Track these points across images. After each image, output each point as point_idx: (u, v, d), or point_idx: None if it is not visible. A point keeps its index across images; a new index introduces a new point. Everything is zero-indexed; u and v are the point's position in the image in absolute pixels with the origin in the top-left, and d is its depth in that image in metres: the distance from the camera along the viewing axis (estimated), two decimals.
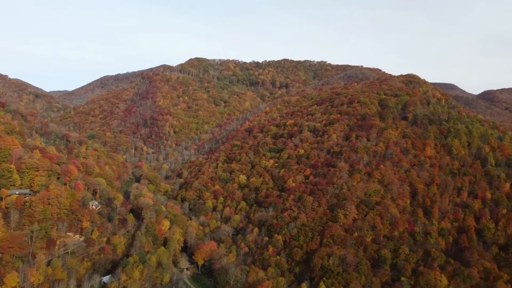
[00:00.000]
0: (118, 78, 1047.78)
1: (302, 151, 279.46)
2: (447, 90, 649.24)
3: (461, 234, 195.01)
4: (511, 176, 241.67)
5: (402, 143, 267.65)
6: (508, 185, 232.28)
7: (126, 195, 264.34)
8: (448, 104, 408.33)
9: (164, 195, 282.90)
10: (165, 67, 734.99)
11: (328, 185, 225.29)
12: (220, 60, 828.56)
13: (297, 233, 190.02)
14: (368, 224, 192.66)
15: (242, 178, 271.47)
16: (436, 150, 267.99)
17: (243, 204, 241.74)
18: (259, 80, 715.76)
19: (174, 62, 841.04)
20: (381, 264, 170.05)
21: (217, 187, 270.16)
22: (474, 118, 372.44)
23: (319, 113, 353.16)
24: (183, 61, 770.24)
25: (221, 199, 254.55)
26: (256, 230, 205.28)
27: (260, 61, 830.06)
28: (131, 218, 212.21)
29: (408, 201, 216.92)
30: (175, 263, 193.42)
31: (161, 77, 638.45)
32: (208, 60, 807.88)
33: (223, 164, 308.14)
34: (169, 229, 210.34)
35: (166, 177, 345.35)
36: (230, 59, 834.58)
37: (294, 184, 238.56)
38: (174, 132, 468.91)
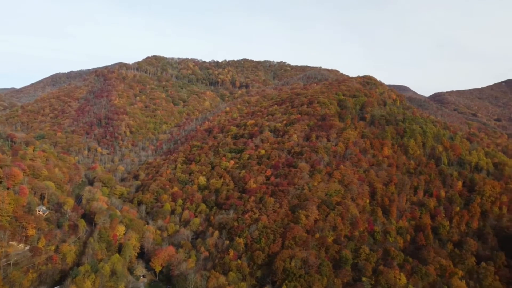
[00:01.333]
0: (71, 75, 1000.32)
1: (263, 152, 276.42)
2: (400, 92, 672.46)
3: (418, 232, 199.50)
4: (463, 175, 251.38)
5: (361, 143, 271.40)
6: (460, 183, 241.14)
7: (78, 199, 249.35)
8: (403, 105, 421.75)
9: (119, 198, 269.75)
10: (121, 65, 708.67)
11: (289, 186, 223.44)
12: (179, 58, 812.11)
13: (259, 235, 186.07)
14: (329, 225, 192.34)
15: (202, 179, 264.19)
16: (393, 150, 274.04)
17: (203, 206, 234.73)
18: (219, 80, 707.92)
19: (130, 60, 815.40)
20: (343, 265, 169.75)
21: (175, 189, 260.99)
22: (427, 119, 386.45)
23: (280, 113, 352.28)
24: (140, 59, 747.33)
25: (180, 201, 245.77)
26: (216, 233, 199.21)
27: (220, 61, 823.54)
28: (82, 224, 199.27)
29: (368, 201, 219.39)
30: (131, 270, 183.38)
31: (116, 75, 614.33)
32: (166, 58, 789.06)
33: (182, 165, 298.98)
34: (124, 234, 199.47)
35: (122, 179, 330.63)
36: (189, 57, 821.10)
37: (255, 185, 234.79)
38: (131, 132, 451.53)
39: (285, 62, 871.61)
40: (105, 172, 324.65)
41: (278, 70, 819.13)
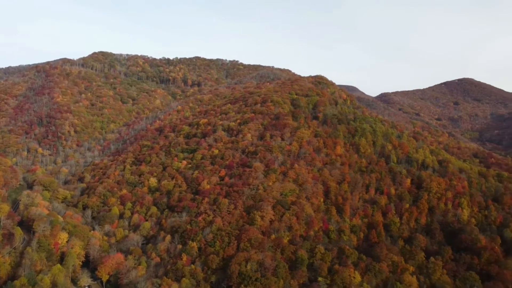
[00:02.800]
0: (8, 71, 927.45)
1: (216, 151, 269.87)
2: (349, 92, 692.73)
3: (371, 230, 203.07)
4: (411, 172, 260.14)
5: (314, 142, 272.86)
6: (409, 180, 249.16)
7: (15, 205, 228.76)
8: (353, 104, 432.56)
9: (62, 203, 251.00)
10: (64, 61, 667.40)
11: (244, 186, 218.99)
12: (127, 55, 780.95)
13: (213, 238, 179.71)
14: (285, 225, 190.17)
15: (153, 181, 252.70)
16: (346, 149, 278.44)
17: (153, 209, 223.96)
18: (170, 78, 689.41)
19: (75, 56, 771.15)
20: (299, 266, 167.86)
21: (124, 191, 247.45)
22: (376, 118, 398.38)
23: (233, 112, 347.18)
24: (85, 55, 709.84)
25: (129, 204, 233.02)
26: (168, 237, 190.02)
27: (171, 58, 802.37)
28: (19, 232, 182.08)
29: (322, 200, 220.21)
30: (75, 281, 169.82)
31: (59, 71, 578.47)
32: (114, 54, 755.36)
33: (131, 166, 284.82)
34: (67, 242, 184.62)
35: (65, 182, 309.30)
36: (139, 54, 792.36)
37: (208, 186, 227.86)
38: (75, 131, 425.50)
39: (237, 61, 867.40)
40: (46, 175, 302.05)
41: (231, 69, 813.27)
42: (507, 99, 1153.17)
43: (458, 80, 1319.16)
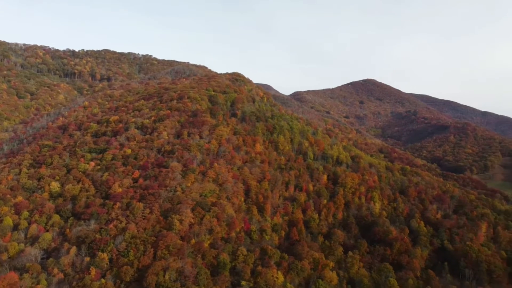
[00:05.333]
0: None
1: (129, 151, 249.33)
2: (265, 90, 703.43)
3: (292, 228, 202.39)
4: (327, 169, 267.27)
5: (234, 140, 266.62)
6: (325, 177, 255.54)
7: None
8: (270, 102, 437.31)
9: None
10: None
11: (161, 188, 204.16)
12: (24, 45, 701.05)
13: (126, 247, 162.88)
14: (205, 228, 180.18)
15: (55, 185, 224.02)
16: (265, 146, 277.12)
17: (56, 218, 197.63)
18: (76, 71, 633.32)
19: None
20: (221, 270, 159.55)
21: (19, 198, 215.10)
22: (292, 116, 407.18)
23: (147, 109, 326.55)
24: None
25: (25, 213, 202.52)
26: (73, 249, 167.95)
27: (77, 50, 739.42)
28: None
29: (243, 199, 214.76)
30: None
31: None
32: (8, 43, 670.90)
33: (28, 169, 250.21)
34: None
35: None
36: (38, 44, 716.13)
37: (120, 190, 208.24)
38: None
39: (151, 56, 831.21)
40: None
41: (144, 64, 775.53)
42: (404, 99, 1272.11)
43: (363, 80, 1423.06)
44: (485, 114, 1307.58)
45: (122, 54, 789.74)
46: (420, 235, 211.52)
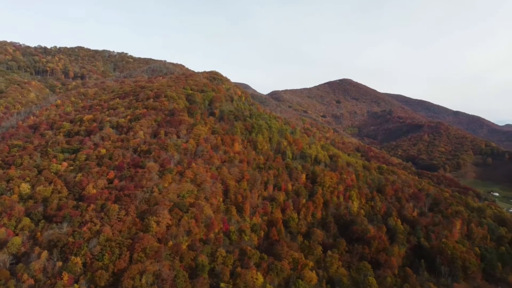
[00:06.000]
0: None
1: (103, 151, 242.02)
2: (243, 89, 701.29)
3: (271, 228, 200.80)
4: (306, 168, 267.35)
5: (212, 140, 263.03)
6: (304, 176, 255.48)
7: None
8: (248, 101, 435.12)
9: None
10: None
11: (137, 189, 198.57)
12: None
13: (101, 251, 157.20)
14: (183, 229, 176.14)
15: (25, 187, 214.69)
16: (243, 146, 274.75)
17: (26, 221, 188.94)
18: (48, 69, 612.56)
19: None
20: (199, 273, 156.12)
21: None
22: (271, 115, 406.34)
23: (123, 108, 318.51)
24: None
25: None
26: (45, 254, 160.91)
27: (49, 47, 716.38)
28: None
29: (221, 199, 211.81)
30: None
31: None
32: None
33: None
34: None
35: None
36: (8, 40, 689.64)
37: (95, 191, 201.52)
38: None
39: (127, 53, 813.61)
40: None
41: (119, 62, 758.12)
42: (379, 98, 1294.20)
43: (339, 80, 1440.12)
44: (457, 113, 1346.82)
45: (96, 51, 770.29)
46: (397, 233, 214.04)
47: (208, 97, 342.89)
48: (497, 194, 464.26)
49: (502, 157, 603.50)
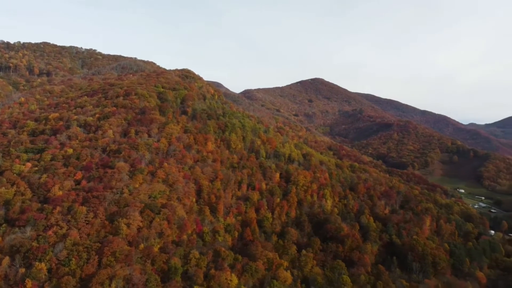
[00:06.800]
0: None
1: (70, 151, 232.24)
2: (216, 88, 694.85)
3: (245, 228, 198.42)
4: (279, 167, 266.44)
5: (184, 139, 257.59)
6: (278, 175, 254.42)
7: None
8: (221, 100, 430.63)
9: None
10: None
11: (106, 190, 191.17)
12: None
13: (68, 255, 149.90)
14: (155, 231, 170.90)
15: None
16: (217, 145, 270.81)
17: None
18: (11, 65, 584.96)
19: None
20: (172, 276, 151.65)
21: None
22: (244, 114, 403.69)
23: (91, 106, 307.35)
24: None
25: None
26: (6, 260, 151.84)
27: (12, 42, 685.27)
28: None
29: (194, 200, 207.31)
30: None
31: None
32: None
33: None
34: None
35: None
36: None
37: (61, 193, 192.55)
38: None
39: (95, 50, 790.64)
40: None
41: (88, 58, 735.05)
42: (350, 97, 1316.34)
43: (311, 79, 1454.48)
44: (424, 112, 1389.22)
45: (63, 47, 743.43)
46: (370, 230, 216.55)
47: (180, 95, 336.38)
48: (462, 190, 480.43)
49: (467, 155, 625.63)
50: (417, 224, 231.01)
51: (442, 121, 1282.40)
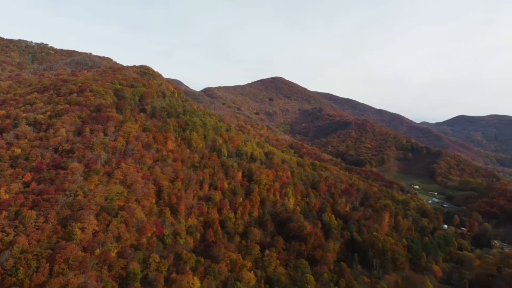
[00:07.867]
0: None
1: (18, 151, 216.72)
2: (176, 85, 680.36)
3: (207, 229, 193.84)
4: (242, 166, 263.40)
5: (143, 137, 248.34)
6: (240, 174, 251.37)
7: None
8: (181, 97, 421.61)
9: None
10: None
11: (58, 193, 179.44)
12: None
13: (15, 264, 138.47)
14: (112, 235, 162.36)
15: None
16: (177, 144, 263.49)
17: None
18: None
19: None
20: (131, 282, 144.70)
21: None
22: (205, 112, 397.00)
23: (42, 103, 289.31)
24: None
25: None
26: None
27: None
28: None
29: (154, 201, 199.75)
30: None
31: None
32: None
33: None
34: None
35: None
36: None
37: (7, 196, 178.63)
38: None
39: (47, 44, 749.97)
40: None
41: (39, 53, 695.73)
42: (310, 96, 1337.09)
43: (272, 78, 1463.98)
44: (380, 111, 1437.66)
45: (11, 41, 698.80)
46: (332, 228, 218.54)
47: (138, 93, 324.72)
48: (417, 187, 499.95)
49: (420, 152, 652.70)
50: (377, 220, 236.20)
51: (396, 119, 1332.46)
